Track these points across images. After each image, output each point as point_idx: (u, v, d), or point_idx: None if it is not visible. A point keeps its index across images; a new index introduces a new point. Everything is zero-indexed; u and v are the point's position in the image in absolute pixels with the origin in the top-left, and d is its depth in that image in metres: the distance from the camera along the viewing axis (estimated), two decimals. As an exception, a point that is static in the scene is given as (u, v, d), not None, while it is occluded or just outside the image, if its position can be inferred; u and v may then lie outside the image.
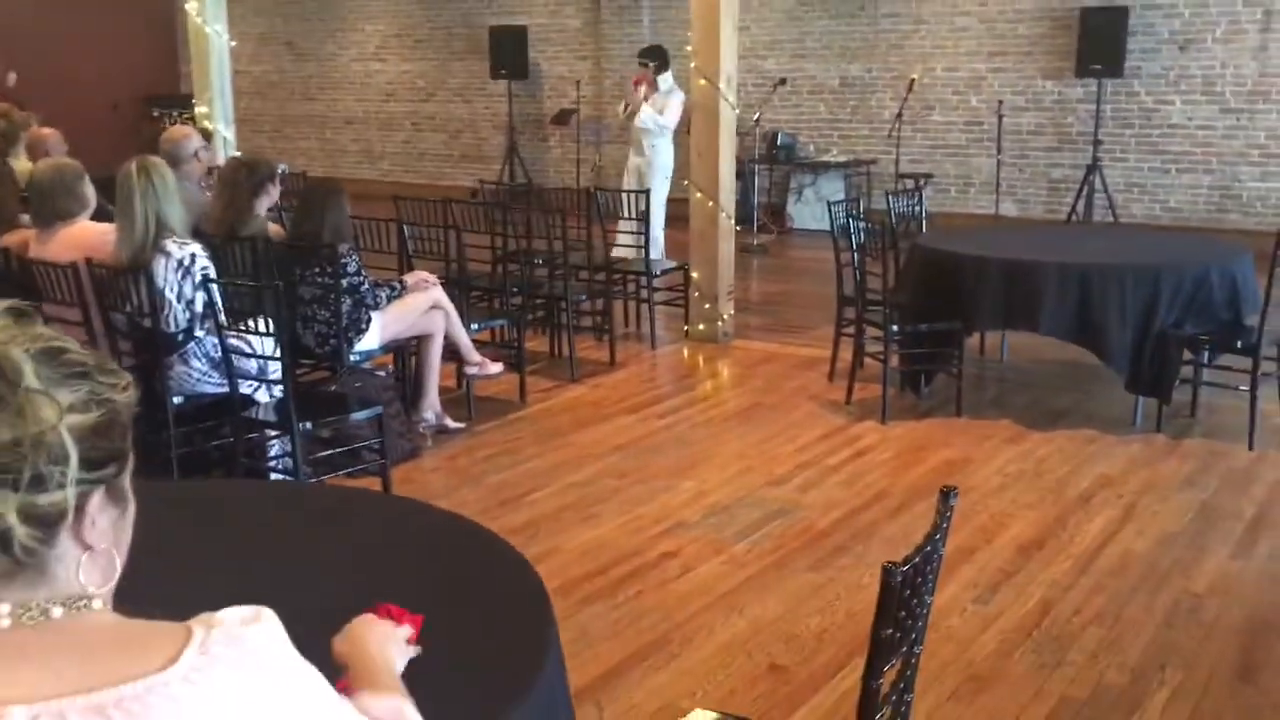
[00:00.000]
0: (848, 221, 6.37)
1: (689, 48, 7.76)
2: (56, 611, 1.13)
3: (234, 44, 10.03)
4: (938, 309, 6.12)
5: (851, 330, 6.66)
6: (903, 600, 1.96)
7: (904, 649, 2.05)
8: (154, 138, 9.18)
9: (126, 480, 1.23)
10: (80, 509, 1.16)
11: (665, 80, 10.05)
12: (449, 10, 15.24)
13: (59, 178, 4.99)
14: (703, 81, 7.52)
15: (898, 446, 5.74)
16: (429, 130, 15.70)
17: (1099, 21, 10.98)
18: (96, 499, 1.18)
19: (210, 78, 9.62)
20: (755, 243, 11.18)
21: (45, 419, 1.13)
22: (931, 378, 6.49)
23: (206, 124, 9.46)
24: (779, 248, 11.70)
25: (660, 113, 9.75)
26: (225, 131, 9.25)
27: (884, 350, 6.15)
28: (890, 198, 7.39)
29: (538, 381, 6.85)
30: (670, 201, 9.66)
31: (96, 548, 1.17)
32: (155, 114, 15.57)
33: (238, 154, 5.90)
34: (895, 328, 6.05)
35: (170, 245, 4.71)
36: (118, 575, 1.19)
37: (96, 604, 1.16)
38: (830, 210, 6.72)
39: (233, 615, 1.18)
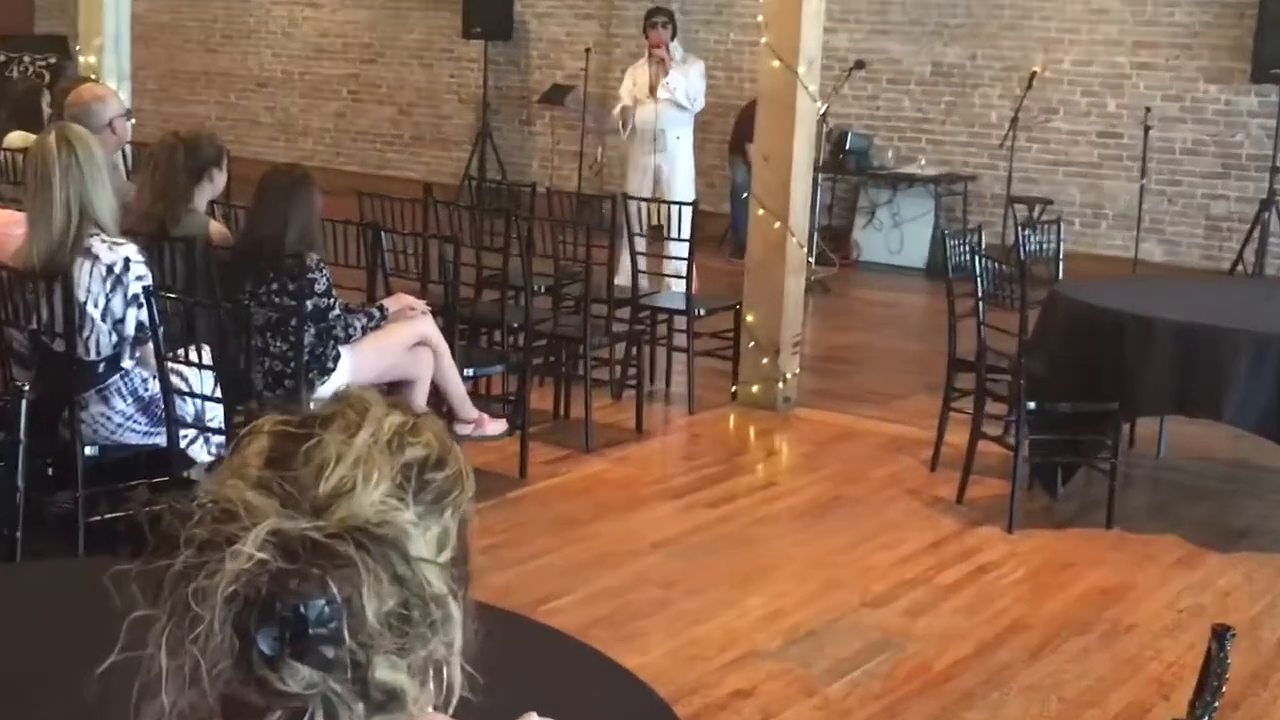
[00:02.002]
0: (971, 259, 6.53)
1: (759, 18, 7.94)
2: None
3: (136, -26, 10.19)
4: (1085, 383, 6.26)
5: (964, 404, 6.79)
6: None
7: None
8: (22, 95, 9.32)
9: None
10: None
11: (677, 49, 10.28)
12: (410, -56, 15.50)
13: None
14: (775, 63, 7.71)
15: (1032, 564, 5.86)
16: (372, 102, 15.88)
17: (1284, 11, 11.26)
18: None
19: (102, 17, 9.76)
20: (813, 278, 11.35)
21: (437, 592, 1.31)
22: (1071, 474, 6.62)
23: (92, 76, 9.58)
24: (842, 285, 11.90)
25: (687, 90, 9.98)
26: (121, 91, 9.38)
27: (1013, 434, 6.28)
28: (1021, 230, 7.56)
29: (542, 450, 6.95)
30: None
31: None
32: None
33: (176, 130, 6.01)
34: (1030, 405, 6.19)
35: (97, 246, 4.81)
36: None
37: None
38: (945, 243, 6.88)
39: None
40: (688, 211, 8.32)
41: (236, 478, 1.34)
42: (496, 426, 6.39)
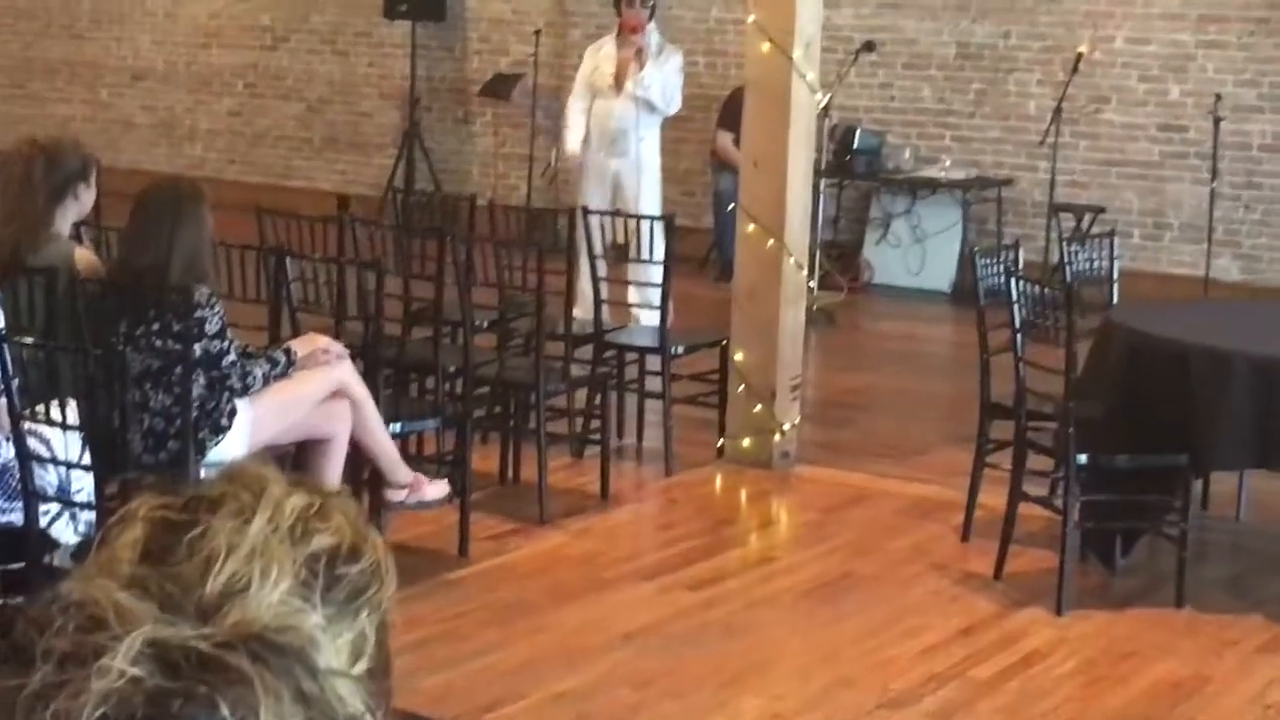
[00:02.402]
0: (1007, 281, 6.57)
1: (745, -9, 8.00)
2: None
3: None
4: (1147, 432, 6.30)
5: (1001, 459, 6.81)
6: None
7: None
8: None
9: None
10: None
11: (654, 34, 10.34)
12: (320, -96, 15.55)
13: None
14: (766, 46, 7.77)
15: (1086, 653, 5.88)
16: (274, 98, 15.91)
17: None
18: None
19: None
20: (815, 306, 11.41)
21: (351, 712, 1.32)
22: (1133, 542, 6.65)
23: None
24: (851, 314, 11.96)
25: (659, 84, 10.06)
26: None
27: (1061, 495, 6.30)
28: (1067, 245, 7.61)
29: (487, 521, 6.95)
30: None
31: None
32: None
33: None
34: (1082, 459, 6.22)
35: (-63, 279, 4.81)
36: None
37: None
38: (975, 262, 6.92)
39: None
40: (659, 228, 8.36)
41: (105, 576, 1.33)
42: (437, 490, 6.39)
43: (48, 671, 1.29)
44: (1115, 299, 7.69)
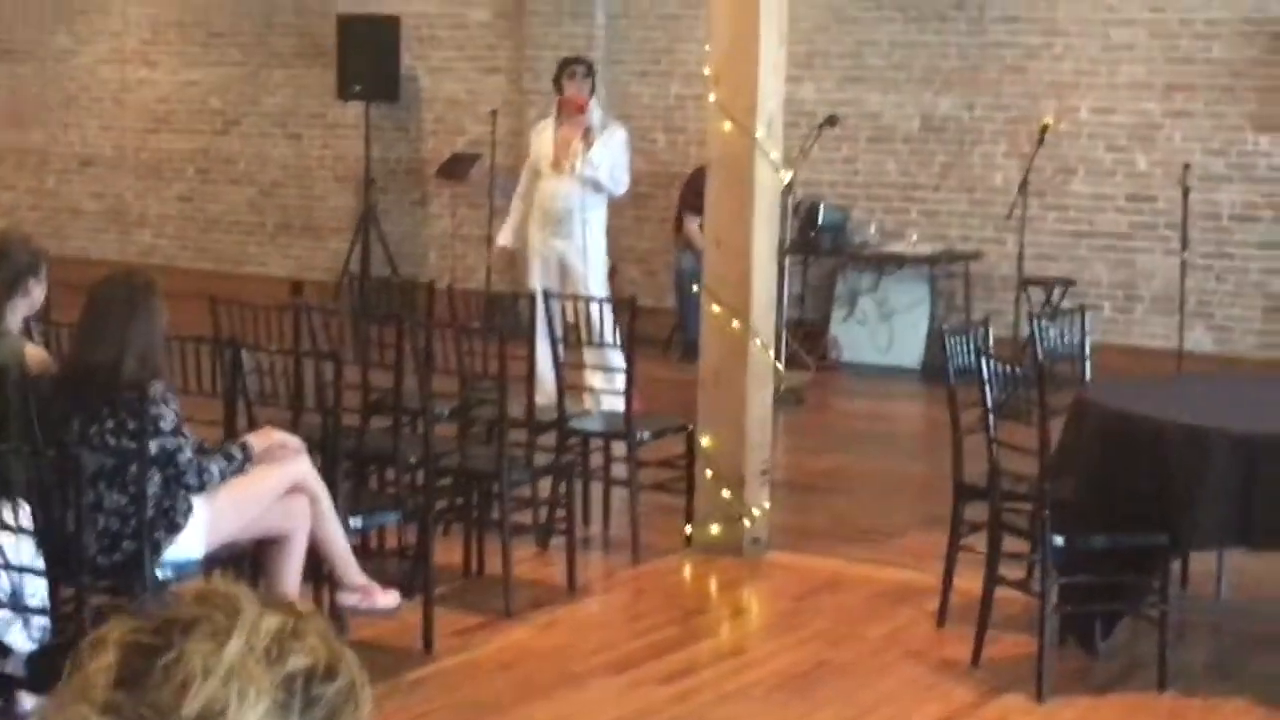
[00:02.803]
0: (978, 360, 6.60)
1: (705, 70, 8.07)
2: None
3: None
4: (1124, 511, 6.33)
5: (976, 541, 6.83)
6: None
7: None
8: None
9: None
10: None
11: (595, 111, 10.39)
12: (270, -15, 15.64)
13: None
14: (728, 125, 7.83)
15: (1068, 740, 5.87)
16: (226, 182, 15.95)
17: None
18: None
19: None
20: (783, 387, 11.43)
21: None
22: (1113, 624, 6.66)
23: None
24: (820, 394, 11.99)
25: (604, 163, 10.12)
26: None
27: (1038, 578, 6.31)
28: (1037, 320, 7.65)
29: (451, 616, 6.93)
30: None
31: None
32: None
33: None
34: (1058, 540, 6.24)
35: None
36: None
37: None
38: (944, 339, 6.96)
39: None
40: (608, 310, 8.39)
41: (80, 702, 1.35)
42: (388, 600, 6.38)
43: None
44: (1088, 374, 7.73)
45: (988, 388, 6.52)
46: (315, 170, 15.56)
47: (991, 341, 7.25)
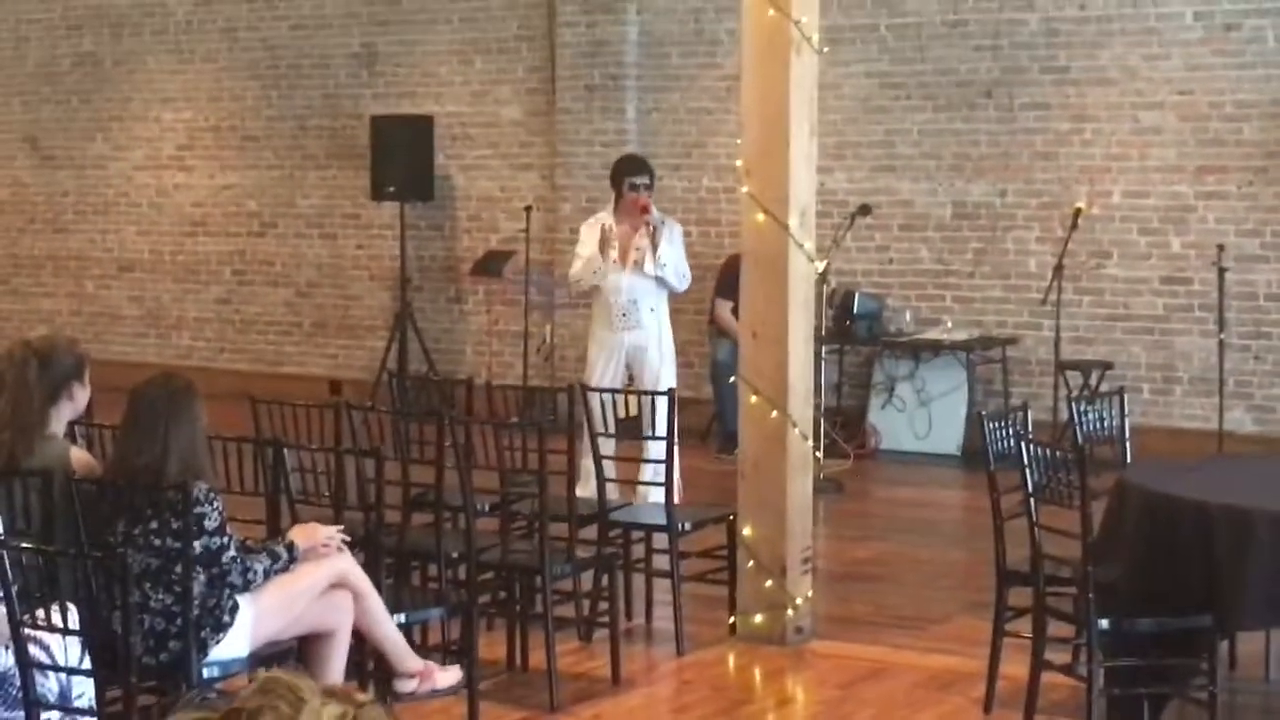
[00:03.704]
0: (1018, 444, 6.62)
1: (738, 162, 8.14)
2: None
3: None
4: (1170, 593, 6.32)
5: (1021, 626, 6.82)
6: None
7: None
8: None
9: None
10: None
11: (653, 211, 10.46)
12: (304, 89, 15.83)
13: None
14: (760, 217, 7.89)
15: (1119, 825, 5.84)
16: (263, 284, 16.08)
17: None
18: None
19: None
20: (823, 475, 11.46)
21: None
22: (1161, 707, 6.63)
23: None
24: (860, 481, 12.01)
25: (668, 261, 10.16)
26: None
27: (1084, 662, 6.30)
28: (1076, 404, 7.67)
29: (495, 711, 6.94)
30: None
31: None
32: None
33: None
34: (1104, 624, 6.23)
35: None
36: None
37: None
38: (983, 424, 6.98)
39: None
40: (663, 401, 8.43)
41: None
42: (449, 677, 6.42)
43: None
44: (1128, 457, 7.73)
45: (1028, 471, 6.53)
46: (351, 270, 15.67)
47: (1030, 425, 7.26)
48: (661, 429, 8.45)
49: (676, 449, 8.42)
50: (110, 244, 16.80)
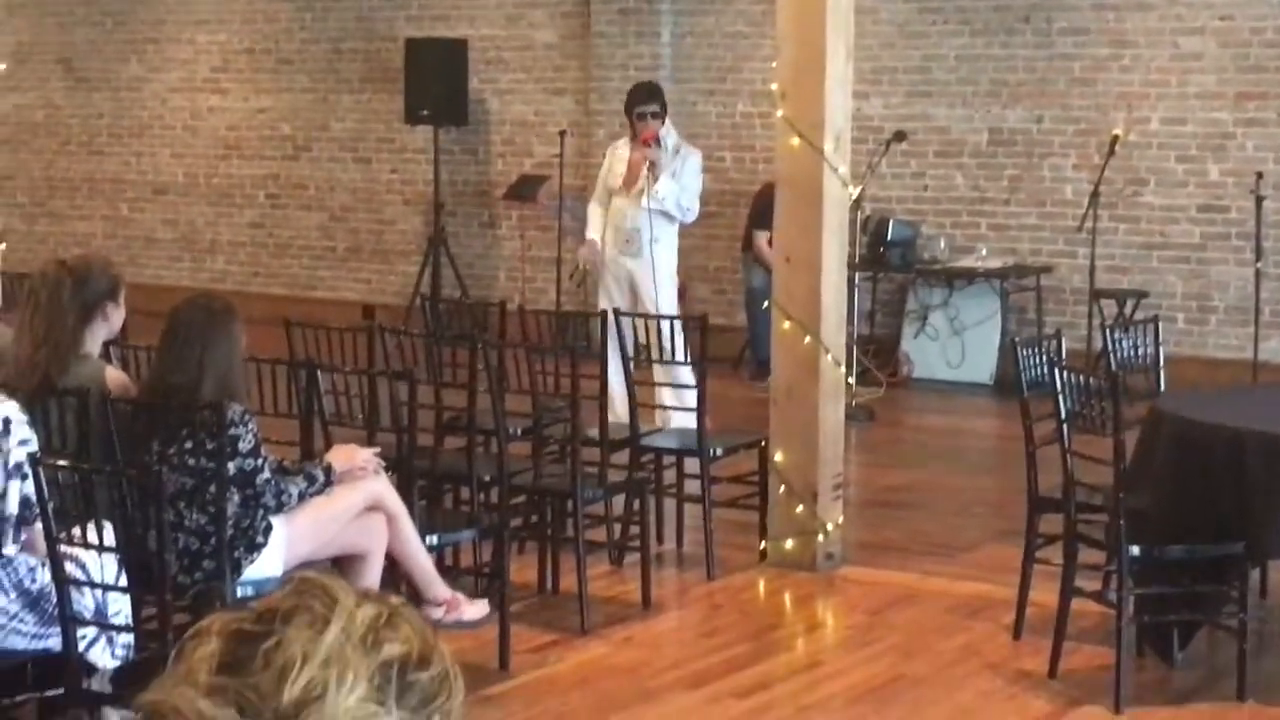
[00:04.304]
0: (1050, 372, 6.62)
1: (773, 85, 8.12)
2: None
3: (1, 66, 10.39)
4: (1201, 521, 6.32)
5: (1051, 554, 6.84)
6: None
7: None
8: None
9: None
10: None
11: (669, 133, 10.45)
12: (338, 11, 15.80)
13: None
14: (795, 140, 7.87)
15: (1147, 750, 5.88)
16: (297, 207, 16.10)
17: None
18: None
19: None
20: (855, 402, 11.47)
21: None
22: (1191, 634, 6.65)
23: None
24: (891, 409, 12.00)
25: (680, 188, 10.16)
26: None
27: (1115, 589, 6.32)
28: (1110, 333, 7.66)
29: (527, 633, 6.98)
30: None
31: None
32: None
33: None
34: (1135, 551, 6.24)
35: (-31, 404, 4.91)
36: None
37: None
38: (1016, 352, 6.98)
39: None
40: (679, 328, 8.43)
41: (184, 685, 1.40)
42: (475, 611, 6.45)
43: None
44: (1162, 386, 7.73)
45: (1061, 398, 6.53)
46: (384, 194, 15.69)
47: (1064, 353, 7.26)
48: (679, 355, 8.46)
49: (706, 375, 8.42)
50: (145, 167, 16.83)
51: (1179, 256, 12.52)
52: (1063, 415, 6.53)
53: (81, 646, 5.00)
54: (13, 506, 4.96)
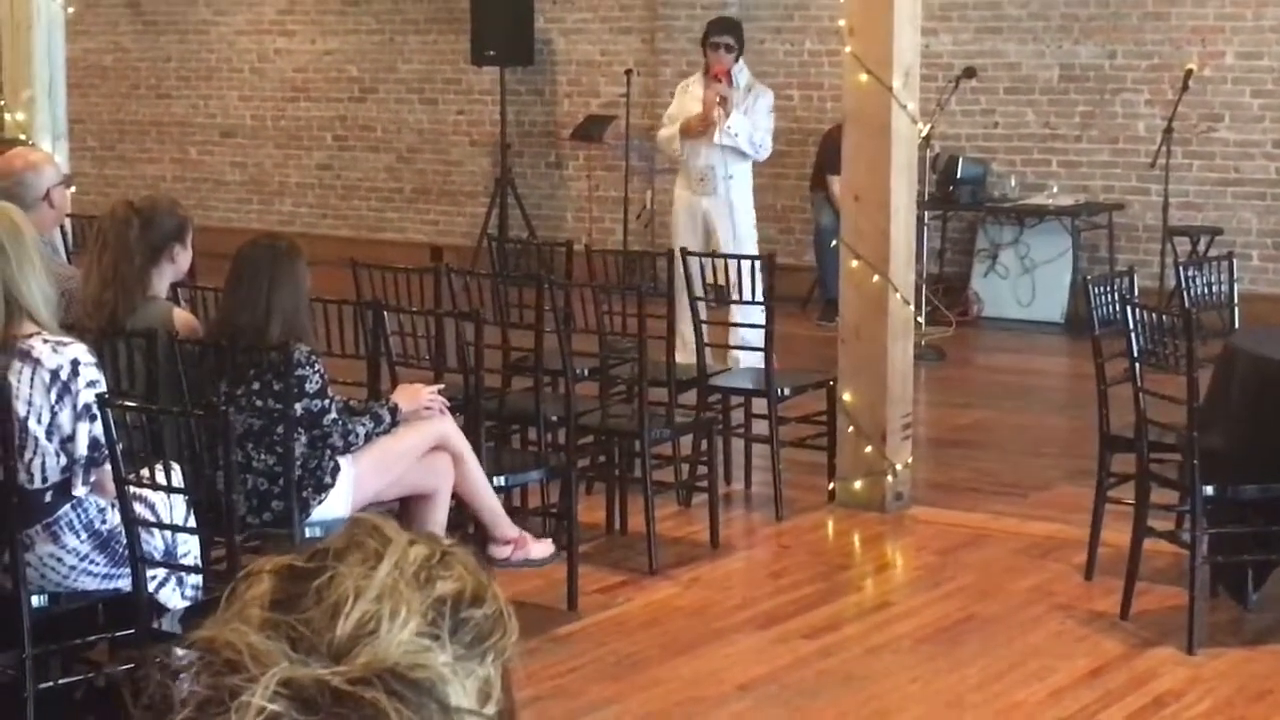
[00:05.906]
0: (1122, 310, 6.55)
1: (840, 22, 8.04)
2: None
3: (70, 10, 10.41)
4: (1275, 459, 6.25)
5: (1123, 493, 6.79)
6: None
7: None
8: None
9: None
10: None
11: (741, 71, 10.36)
12: (403, -48, 15.76)
13: None
14: (864, 77, 7.79)
15: (1221, 692, 5.83)
16: (364, 149, 16.12)
17: None
18: None
19: (31, 63, 9.98)
20: (924, 342, 11.40)
21: None
22: (1265, 575, 6.59)
23: (21, 137, 9.81)
24: (961, 348, 11.93)
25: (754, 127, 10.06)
26: (57, 153, 9.58)
27: (1188, 529, 6.25)
28: (1184, 270, 7.57)
29: (595, 574, 7.00)
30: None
31: None
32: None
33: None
34: (1208, 490, 6.18)
35: (38, 347, 4.93)
36: None
37: None
38: (1088, 290, 6.91)
39: None
40: (756, 267, 8.38)
41: (237, 620, 1.39)
42: (542, 549, 6.45)
43: (188, 716, 1.34)
44: (1236, 323, 7.64)
45: (1134, 335, 6.46)
46: (451, 135, 15.68)
47: (1136, 291, 7.18)
48: (749, 295, 8.41)
49: (774, 315, 8.38)
50: (213, 110, 16.88)
51: (1254, 193, 12.37)
52: (1135, 353, 6.47)
53: (151, 587, 5.02)
54: (82, 448, 4.98)
